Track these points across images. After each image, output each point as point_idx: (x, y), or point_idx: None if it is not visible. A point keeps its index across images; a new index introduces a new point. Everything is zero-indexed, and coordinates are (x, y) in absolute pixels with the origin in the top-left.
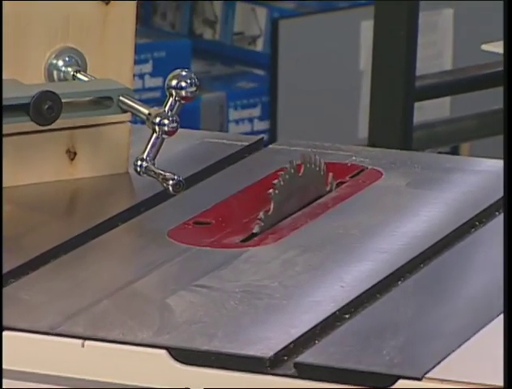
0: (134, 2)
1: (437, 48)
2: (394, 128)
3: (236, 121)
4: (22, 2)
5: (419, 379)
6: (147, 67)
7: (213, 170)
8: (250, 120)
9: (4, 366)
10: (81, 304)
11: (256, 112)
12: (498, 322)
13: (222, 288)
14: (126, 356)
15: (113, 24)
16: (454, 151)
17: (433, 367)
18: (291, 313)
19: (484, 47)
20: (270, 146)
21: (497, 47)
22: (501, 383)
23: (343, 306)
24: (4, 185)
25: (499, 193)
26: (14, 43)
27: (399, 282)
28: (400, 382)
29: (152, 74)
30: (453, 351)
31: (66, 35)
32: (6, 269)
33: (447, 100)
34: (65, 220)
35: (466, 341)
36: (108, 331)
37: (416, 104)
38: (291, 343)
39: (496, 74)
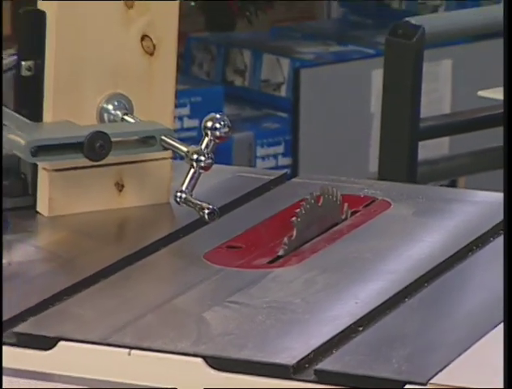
0: (175, 54)
1: (437, 94)
2: (400, 164)
3: (263, 158)
4: (78, 52)
5: (424, 384)
6: (186, 110)
7: (243, 201)
8: (275, 156)
9: (61, 372)
10: (128, 318)
11: (280, 149)
12: (497, 332)
13: (251, 304)
14: (167, 363)
15: (156, 73)
16: (453, 184)
17: (436, 374)
18: (311, 326)
19: (480, 93)
20: (293, 180)
21: (492, 93)
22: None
23: (358, 320)
24: (60, 213)
25: (493, 221)
26: (70, 89)
27: (406, 299)
28: (407, 388)
29: (190, 117)
30: (454, 359)
31: (115, 82)
32: (61, 287)
33: (446, 139)
34: (113, 244)
35: (465, 351)
36: (152, 342)
37: (420, 143)
38: (311, 352)
39: (489, 117)
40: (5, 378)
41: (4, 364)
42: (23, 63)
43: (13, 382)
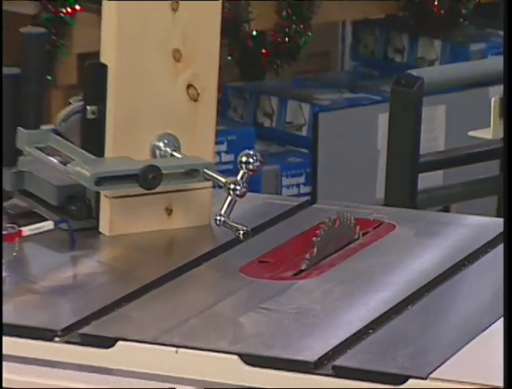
0: (216, 101)
1: (433, 133)
2: (403, 192)
3: (287, 187)
4: (134, 98)
5: (424, 378)
6: (223, 147)
7: (272, 223)
8: (298, 186)
9: (119, 367)
10: (175, 321)
11: (302, 180)
12: (494, 330)
13: (279, 310)
14: (208, 360)
15: (200, 117)
16: (446, 210)
17: (435, 369)
18: (329, 329)
19: (470, 133)
20: (313, 206)
21: (479, 133)
22: (500, 384)
23: (368, 324)
24: (119, 233)
25: (482, 241)
26: (128, 130)
27: (409, 306)
28: (410, 381)
29: (227, 152)
30: (449, 358)
31: (165, 124)
32: (119, 295)
33: (441, 172)
34: (163, 259)
35: (458, 350)
36: (196, 341)
37: (420, 175)
38: (329, 351)
39: (477, 153)
40: (70, 373)
41: (70, 360)
42: (88, 108)
43: (77, 376)
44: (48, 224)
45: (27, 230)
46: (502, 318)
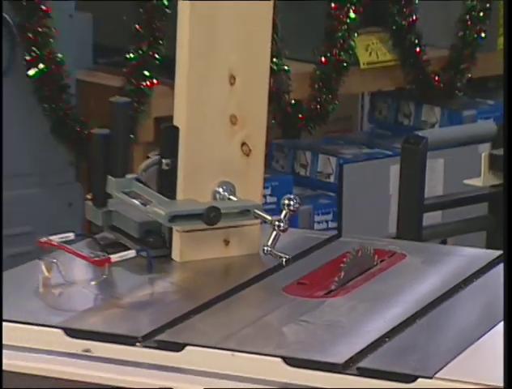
0: (264, 155)
1: (434, 181)
2: (411, 228)
3: (318, 222)
4: (199, 153)
5: (430, 377)
6: (268, 191)
7: (307, 252)
8: (326, 222)
9: (187, 367)
10: (232, 330)
11: (330, 217)
12: (491, 337)
13: (313, 322)
14: (258, 362)
15: (251, 168)
16: (444, 242)
17: (438, 371)
18: (354, 337)
19: (465, 181)
20: (340, 239)
21: (473, 182)
22: (500, 384)
23: (385, 334)
24: (187, 259)
25: (474, 268)
26: (194, 178)
27: (417, 320)
28: (418, 381)
29: (271, 195)
30: (450, 361)
31: (224, 174)
32: (187, 309)
33: (440, 212)
34: (221, 281)
35: (457, 356)
36: (248, 347)
37: (424, 214)
38: (354, 355)
39: (470, 197)
40: (148, 371)
41: (148, 361)
42: (163, 161)
43: (154, 374)
44: (131, 253)
45: (114, 257)
46: (496, 327)
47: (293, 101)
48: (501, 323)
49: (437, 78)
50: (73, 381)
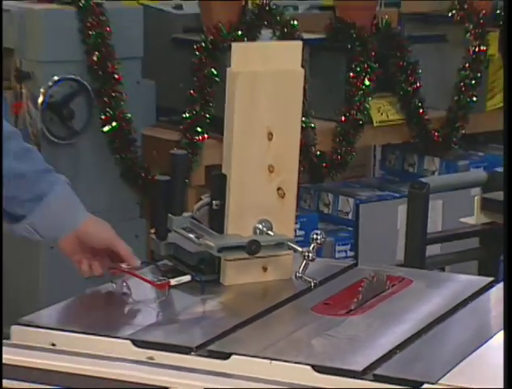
0: (295, 197)
1: (433, 219)
2: (416, 257)
3: (339, 252)
4: (242, 196)
5: (434, 384)
6: (297, 226)
7: (331, 278)
8: (345, 251)
9: (233, 372)
10: (269, 342)
11: (348, 248)
12: (486, 348)
13: (337, 336)
14: (290, 368)
15: (286, 207)
16: (443, 270)
17: (441, 378)
18: (370, 349)
19: (461, 220)
20: (358, 267)
21: (467, 220)
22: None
23: (396, 346)
24: (233, 283)
25: (469, 292)
26: (239, 216)
27: (423, 335)
28: (425, 386)
29: (300, 230)
30: (449, 371)
31: (263, 212)
32: (232, 324)
33: (439, 244)
34: (260, 301)
35: (456, 366)
36: (282, 356)
37: (427, 246)
38: (371, 364)
39: (464, 232)
40: (200, 376)
41: (200, 367)
42: (213, 202)
43: (205, 378)
44: (186, 278)
45: (173, 281)
46: (488, 342)
47: (318, 152)
48: (493, 338)
49: (436, 134)
50: (139, 383)
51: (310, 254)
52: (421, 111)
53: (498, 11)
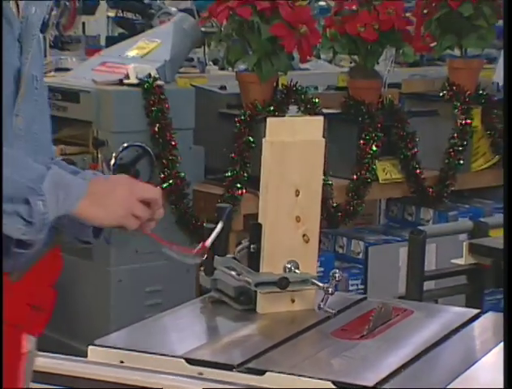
0: (318, 241)
1: (429, 260)
2: (415, 291)
3: (352, 285)
4: (273, 243)
5: None
6: (317, 264)
7: (346, 308)
8: (357, 285)
9: (268, 386)
10: (297, 361)
11: (359, 282)
12: (476, 369)
13: (352, 357)
14: (314, 384)
15: (310, 250)
16: (436, 302)
17: None
18: (379, 368)
19: (452, 261)
20: (368, 299)
21: (457, 261)
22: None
23: (401, 366)
24: (266, 312)
25: (460, 321)
26: (272, 258)
27: (423, 357)
28: None
29: (319, 267)
30: (447, 385)
31: (291, 255)
32: (267, 346)
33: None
34: (289, 327)
35: (451, 382)
36: (307, 372)
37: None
38: (380, 380)
39: (454, 271)
40: None
41: (240, 381)
42: (251, 245)
43: None
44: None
45: (208, 242)
46: (476, 363)
47: (335, 204)
48: (480, 360)
49: (430, 190)
50: None
51: (330, 289)
52: (418, 171)
53: (481, 91)
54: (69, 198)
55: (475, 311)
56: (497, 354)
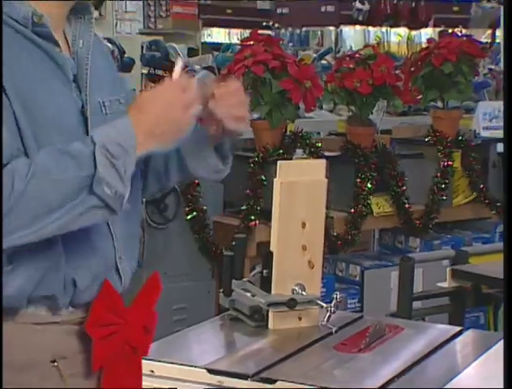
0: (321, 267)
1: (416, 282)
2: (405, 310)
3: (350, 304)
4: (284, 266)
5: None
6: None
7: (346, 325)
8: (354, 304)
9: None
10: (304, 371)
11: (356, 301)
12: (460, 379)
13: (351, 368)
14: None
15: (314, 274)
16: (424, 320)
17: None
18: (375, 377)
19: (437, 284)
20: (364, 318)
21: (442, 284)
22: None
23: (394, 376)
24: (276, 328)
25: (444, 337)
26: (282, 281)
27: (414, 368)
28: None
29: (322, 288)
30: None
31: (298, 278)
32: (278, 358)
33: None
34: (297, 341)
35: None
36: (314, 381)
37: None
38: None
39: (439, 293)
40: None
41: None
42: (264, 271)
43: None
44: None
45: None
46: (459, 374)
47: (335, 234)
48: (462, 372)
49: (417, 221)
50: None
51: (332, 309)
52: (407, 205)
53: (460, 137)
54: (124, 156)
55: (458, 328)
56: (476, 367)
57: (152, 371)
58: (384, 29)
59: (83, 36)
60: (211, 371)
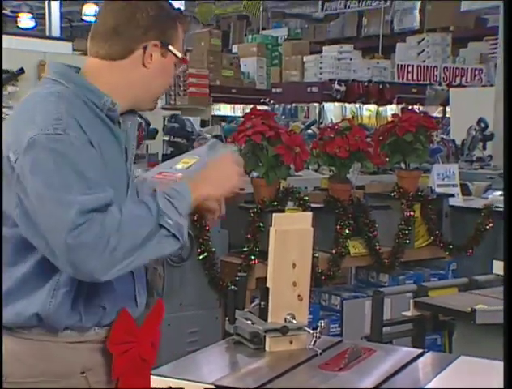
0: (308, 300)
1: (385, 311)
2: (377, 335)
3: (332, 328)
4: (277, 298)
5: None
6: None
7: (328, 348)
8: (336, 328)
9: None
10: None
11: (337, 326)
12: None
13: (333, 384)
14: None
15: (302, 306)
16: (391, 343)
17: None
18: None
19: (402, 313)
20: (344, 341)
21: (406, 313)
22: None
23: (376, 386)
24: (272, 350)
25: (410, 357)
26: (275, 312)
27: (384, 384)
28: None
29: (309, 315)
30: None
31: (289, 309)
32: (272, 376)
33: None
34: (288, 361)
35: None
36: None
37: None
38: None
39: (405, 320)
40: None
41: None
42: (261, 303)
43: None
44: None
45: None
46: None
47: (320, 270)
48: (425, 387)
49: (386, 260)
50: None
51: (318, 334)
52: (377, 247)
53: (420, 193)
54: (179, 197)
55: (419, 351)
56: (435, 383)
57: (170, 387)
58: (357, 105)
59: (131, 118)
60: (218, 387)
